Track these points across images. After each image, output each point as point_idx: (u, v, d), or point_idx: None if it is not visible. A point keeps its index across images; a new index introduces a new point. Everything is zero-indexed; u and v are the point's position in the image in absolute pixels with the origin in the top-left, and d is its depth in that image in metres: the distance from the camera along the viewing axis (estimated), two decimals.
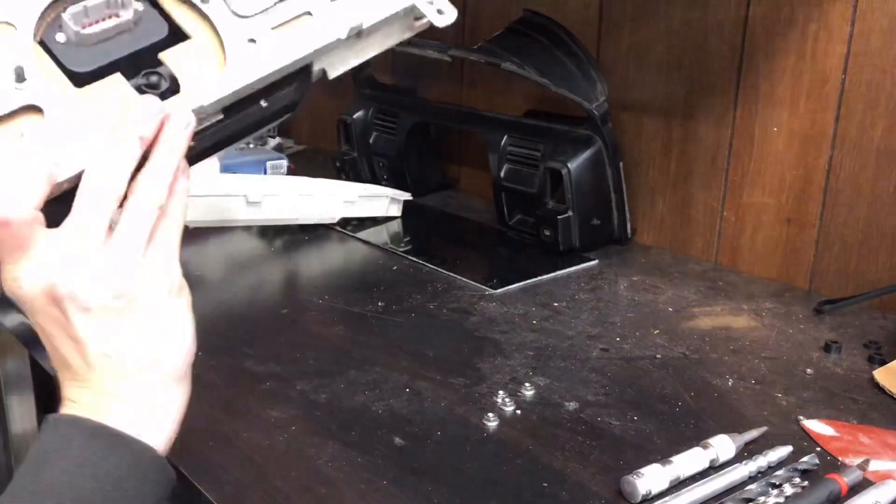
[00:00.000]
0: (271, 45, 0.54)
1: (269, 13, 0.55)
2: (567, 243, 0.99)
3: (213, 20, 0.54)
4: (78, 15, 0.51)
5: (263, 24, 0.54)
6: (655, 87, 1.03)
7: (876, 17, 0.82)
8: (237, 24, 0.54)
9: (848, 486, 0.54)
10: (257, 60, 0.54)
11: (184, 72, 0.53)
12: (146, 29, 0.53)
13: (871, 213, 0.85)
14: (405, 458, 0.57)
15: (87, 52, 0.52)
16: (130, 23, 0.52)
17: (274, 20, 0.55)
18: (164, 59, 0.53)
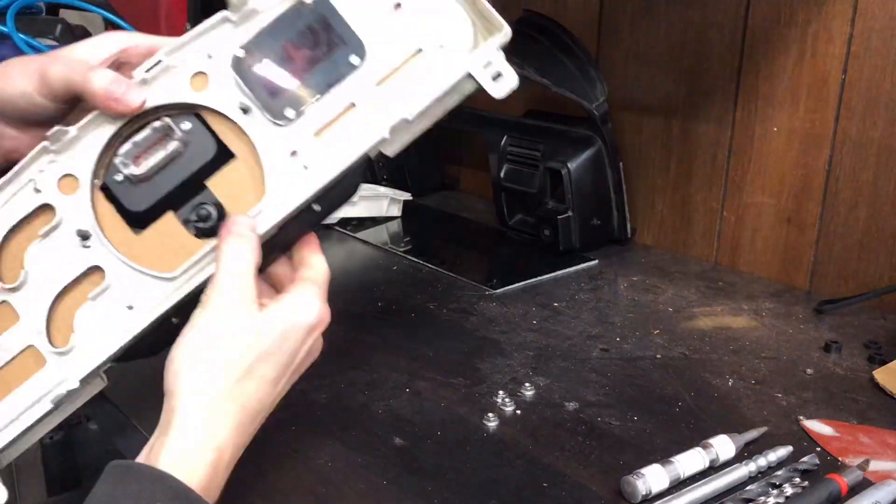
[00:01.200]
0: (315, 158, 0.52)
1: (311, 114, 0.52)
2: (567, 243, 0.99)
3: (252, 136, 0.52)
4: (129, 152, 0.52)
5: (305, 131, 0.53)
6: (655, 87, 1.03)
7: (876, 17, 0.82)
8: (277, 137, 0.52)
9: (848, 487, 0.54)
10: (301, 182, 0.52)
11: (230, 199, 0.53)
12: (195, 150, 0.52)
13: (871, 213, 0.85)
14: (405, 458, 0.57)
15: (143, 188, 0.52)
16: (181, 146, 0.52)
17: (316, 122, 0.52)
18: (211, 188, 0.53)
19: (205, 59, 0.52)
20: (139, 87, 0.52)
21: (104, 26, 1.59)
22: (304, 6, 0.52)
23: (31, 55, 0.54)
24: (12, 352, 0.51)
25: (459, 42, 0.53)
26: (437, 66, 0.53)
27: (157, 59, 0.52)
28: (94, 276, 0.52)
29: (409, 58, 0.53)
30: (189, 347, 0.48)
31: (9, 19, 1.05)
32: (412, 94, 0.53)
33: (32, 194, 0.52)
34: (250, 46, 0.52)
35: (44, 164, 0.52)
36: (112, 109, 0.51)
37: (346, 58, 0.52)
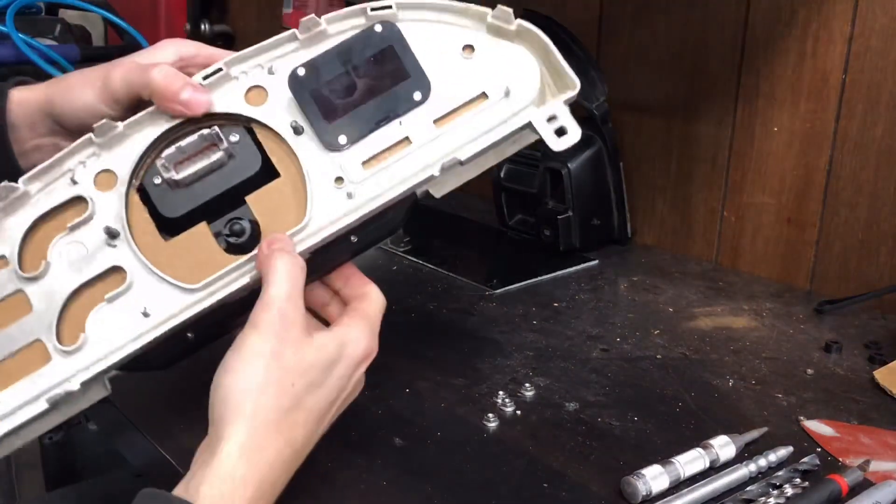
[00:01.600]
0: (360, 188, 0.51)
1: (364, 143, 0.51)
2: (567, 243, 0.99)
3: (300, 157, 0.51)
4: (172, 156, 0.51)
5: (355, 160, 0.51)
6: (655, 87, 1.02)
7: (876, 17, 0.82)
8: (325, 161, 0.51)
9: (848, 487, 0.53)
10: (342, 210, 0.51)
11: (267, 218, 0.51)
12: (240, 163, 0.51)
13: (871, 214, 0.85)
14: (405, 459, 0.57)
15: (180, 195, 0.51)
16: (225, 157, 0.51)
17: (367, 151, 0.51)
18: (250, 204, 0.51)
19: (265, 74, 0.52)
20: (206, 90, 0.51)
21: (104, 26, 1.59)
22: (374, 33, 0.51)
23: (90, 68, 0.55)
24: (18, 343, 0.50)
25: (526, 92, 0.53)
26: (499, 112, 0.52)
27: (218, 66, 0.51)
28: (115, 276, 0.51)
29: (473, 100, 0.52)
30: (240, 373, 0.45)
31: (8, 19, 1.05)
32: (469, 136, 0.52)
33: (69, 185, 0.51)
34: (312, 66, 0.51)
35: (85, 156, 0.51)
36: (173, 110, 0.50)
37: (409, 92, 0.52)
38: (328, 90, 0.51)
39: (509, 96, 0.52)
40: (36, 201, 0.51)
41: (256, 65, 0.52)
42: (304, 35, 0.52)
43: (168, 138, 0.52)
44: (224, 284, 0.50)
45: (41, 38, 1.13)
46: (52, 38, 1.16)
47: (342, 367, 0.49)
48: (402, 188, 0.52)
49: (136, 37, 1.24)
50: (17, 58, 1.06)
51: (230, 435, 0.44)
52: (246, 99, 0.52)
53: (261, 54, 0.52)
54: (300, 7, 1.26)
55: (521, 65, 0.53)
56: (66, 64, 1.09)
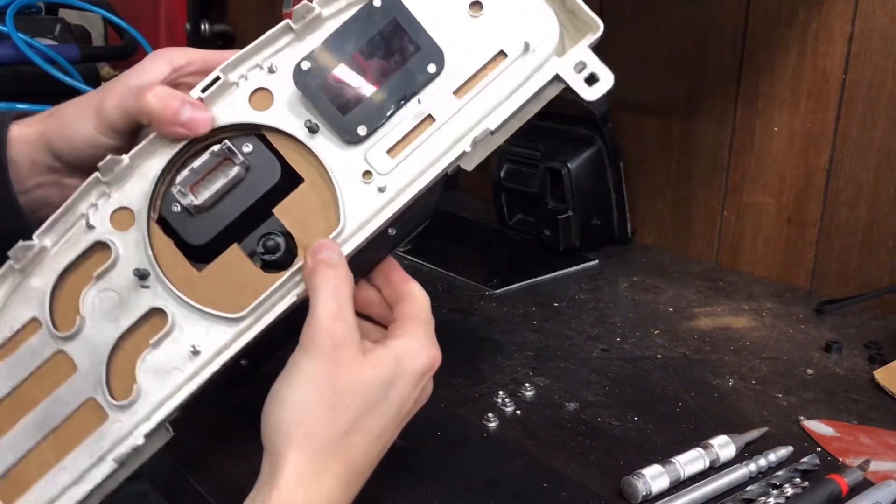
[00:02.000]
0: (391, 179, 0.48)
1: (385, 130, 0.48)
2: (567, 243, 0.99)
3: (322, 157, 0.48)
4: (186, 180, 0.47)
5: (379, 149, 0.48)
6: (655, 87, 1.02)
7: (876, 16, 0.82)
8: (349, 157, 0.48)
9: (848, 487, 0.53)
10: (377, 205, 0.48)
11: (299, 227, 0.48)
12: (259, 174, 0.48)
13: (871, 213, 0.85)
14: (405, 458, 0.57)
15: (203, 219, 0.48)
16: (242, 171, 0.48)
17: (391, 138, 0.48)
18: (279, 216, 0.48)
19: (266, 75, 0.49)
20: (204, 106, 0.48)
21: (104, 26, 1.59)
22: (374, 9, 0.48)
23: (80, 97, 0.52)
24: (70, 406, 0.47)
25: (546, 43, 0.48)
26: (521, 70, 0.48)
27: (215, 75, 0.48)
28: (155, 319, 0.47)
29: (491, 61, 0.48)
30: (290, 401, 0.44)
31: (8, 19, 1.05)
32: (495, 102, 0.48)
33: (85, 231, 0.48)
34: (315, 58, 0.47)
35: (95, 197, 0.48)
36: (175, 133, 0.47)
37: (422, 65, 0.48)
38: (337, 80, 0.47)
39: (529, 51, 0.48)
40: (55, 255, 0.48)
41: (255, 66, 0.49)
42: (298, 24, 0.49)
43: (178, 162, 0.49)
44: (271, 306, 0.47)
45: (41, 38, 1.12)
46: (52, 38, 1.16)
47: (403, 383, 0.46)
48: (436, 171, 0.49)
49: (136, 37, 1.24)
50: (18, 58, 1.06)
51: (285, 464, 0.42)
52: (251, 104, 0.48)
53: (257, 54, 0.49)
54: None
55: (535, 13, 0.48)
56: (66, 64, 1.09)
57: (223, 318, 0.47)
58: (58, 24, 1.18)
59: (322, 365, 0.44)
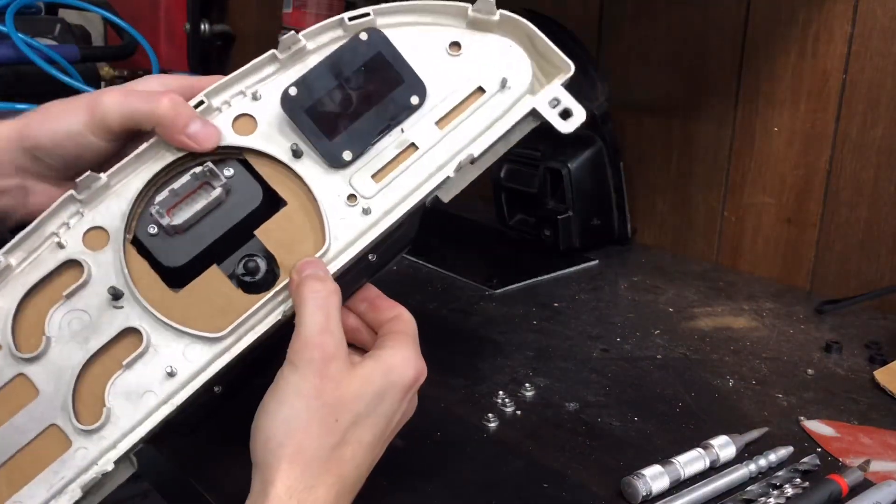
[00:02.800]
0: (376, 202, 0.49)
1: (370, 156, 0.50)
2: (567, 243, 0.99)
3: (307, 180, 0.49)
4: (165, 201, 0.47)
5: (364, 174, 0.49)
6: (656, 87, 1.02)
7: (876, 16, 0.82)
8: (334, 181, 0.49)
9: (849, 487, 0.53)
10: (361, 228, 0.49)
11: (282, 249, 0.48)
12: (240, 198, 0.48)
13: (871, 214, 0.85)
14: (405, 459, 0.57)
15: (181, 241, 0.48)
16: (223, 194, 0.48)
17: (375, 164, 0.50)
18: (260, 237, 0.49)
19: (250, 101, 0.50)
20: (212, 124, 0.48)
21: (104, 26, 1.59)
22: (360, 42, 0.50)
23: (70, 97, 0.50)
24: (29, 434, 0.45)
25: (520, 81, 0.52)
26: (499, 104, 0.51)
27: (199, 99, 0.49)
28: (128, 340, 0.46)
29: (470, 96, 0.51)
30: (280, 415, 0.43)
31: (8, 18, 1.05)
32: (474, 133, 0.51)
33: (55, 250, 0.47)
34: (302, 84, 0.49)
35: (68, 216, 0.48)
36: (179, 142, 0.47)
37: (405, 97, 0.50)
38: (323, 107, 0.49)
39: (506, 87, 0.51)
40: (21, 273, 0.47)
41: (238, 92, 0.50)
42: (284, 54, 0.50)
43: (158, 183, 0.48)
44: (251, 326, 0.47)
45: (41, 38, 1.12)
46: (52, 38, 1.16)
47: (392, 394, 0.46)
48: (419, 195, 0.50)
49: (136, 37, 1.25)
50: (18, 58, 1.06)
51: (277, 479, 0.42)
52: (234, 129, 0.49)
53: (242, 81, 0.50)
54: (300, 7, 1.25)
55: (510, 54, 0.52)
56: (66, 64, 1.09)
57: (201, 338, 0.47)
58: (58, 24, 1.18)
59: (311, 379, 0.43)
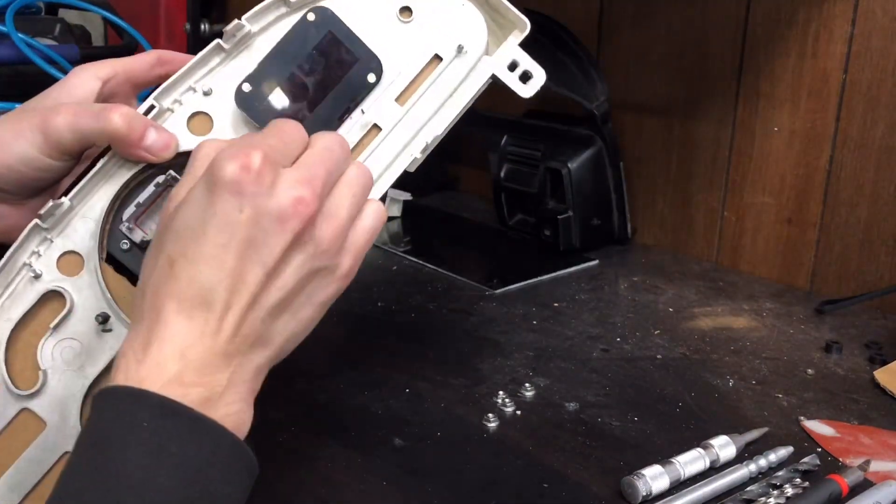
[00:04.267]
0: None
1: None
2: (567, 243, 0.99)
3: None
4: (133, 215, 0.47)
5: None
6: (656, 87, 1.02)
7: (876, 16, 0.82)
8: None
9: (849, 487, 0.53)
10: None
11: None
12: None
13: (871, 214, 0.85)
14: (405, 459, 0.57)
15: None
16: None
17: None
18: None
19: (201, 98, 0.48)
20: (167, 131, 0.47)
21: (104, 26, 1.59)
22: (308, 23, 0.48)
23: (9, 115, 0.48)
24: (46, 464, 0.45)
25: (476, 42, 0.49)
26: (457, 71, 0.49)
27: (149, 104, 0.47)
28: None
29: (427, 66, 0.49)
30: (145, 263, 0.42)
31: (8, 19, 1.05)
32: (437, 104, 0.49)
33: (31, 283, 0.46)
34: (255, 79, 0.47)
35: (36, 244, 0.46)
36: (138, 156, 0.46)
37: (362, 76, 0.48)
38: (280, 97, 0.48)
39: (462, 52, 0.49)
40: (2, 310, 0.46)
41: (188, 89, 0.48)
42: (229, 43, 0.48)
43: (122, 197, 0.48)
44: None
45: (41, 38, 1.12)
46: (52, 38, 1.16)
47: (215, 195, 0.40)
48: (389, 179, 0.49)
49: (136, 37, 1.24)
50: (18, 58, 1.06)
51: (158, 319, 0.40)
52: (190, 130, 0.48)
53: (190, 77, 0.48)
54: None
55: (462, 14, 0.50)
56: (66, 64, 1.09)
57: None
58: (58, 24, 1.18)
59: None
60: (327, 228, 0.43)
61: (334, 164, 0.43)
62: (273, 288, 0.41)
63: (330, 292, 0.45)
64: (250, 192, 0.39)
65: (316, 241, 0.42)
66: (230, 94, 0.48)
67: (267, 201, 0.40)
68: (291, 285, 0.42)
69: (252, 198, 0.39)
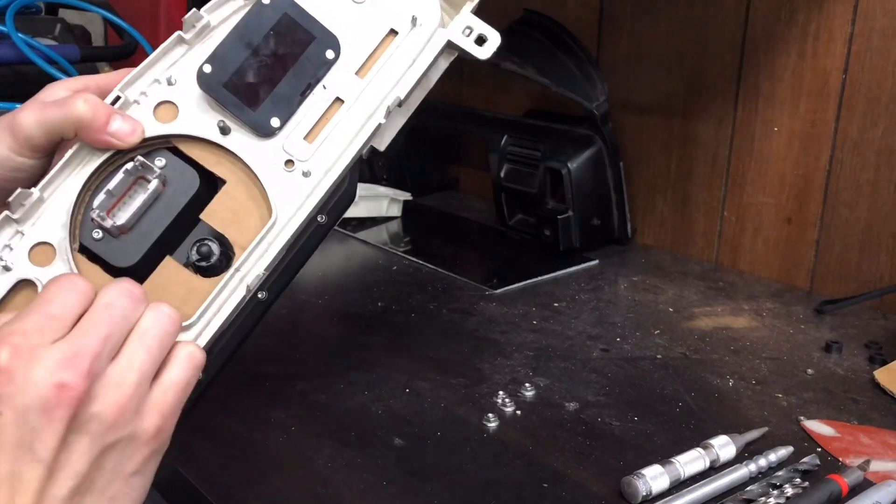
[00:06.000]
0: (314, 163, 0.49)
1: (298, 118, 0.49)
2: (567, 243, 0.99)
3: (241, 155, 0.49)
4: (103, 204, 0.47)
5: (295, 137, 0.49)
6: (656, 87, 1.02)
7: (876, 16, 0.82)
8: (267, 150, 0.49)
9: (849, 487, 0.53)
10: (305, 190, 0.49)
11: (231, 227, 0.48)
12: (178, 186, 0.48)
13: (871, 213, 0.85)
14: (405, 459, 0.57)
15: (128, 240, 0.47)
16: (159, 186, 0.47)
17: (305, 125, 0.49)
18: (207, 220, 0.48)
19: (166, 87, 0.49)
20: (132, 118, 0.47)
21: (104, 26, 1.59)
22: (264, 7, 0.49)
23: None
24: None
25: (430, 14, 0.51)
26: (414, 43, 0.51)
27: (115, 95, 0.48)
28: None
29: (384, 40, 0.51)
30: None
31: (8, 19, 1.05)
32: (397, 75, 0.51)
33: (2, 274, 0.46)
34: (215, 60, 0.48)
35: (7, 237, 0.46)
36: (104, 142, 0.46)
37: (320, 53, 0.50)
38: (241, 78, 0.49)
39: (417, 24, 0.51)
40: None
41: (153, 80, 0.49)
42: (189, 34, 0.49)
43: (92, 186, 0.48)
44: (218, 308, 0.47)
45: (41, 38, 1.12)
46: (52, 38, 1.16)
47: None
48: (356, 147, 0.50)
49: (135, 37, 1.24)
50: (18, 58, 1.06)
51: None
52: (157, 118, 0.48)
53: (152, 68, 0.49)
54: None
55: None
56: (66, 64, 1.09)
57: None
58: (58, 24, 1.18)
59: None
60: (110, 400, 0.39)
61: (115, 323, 0.40)
62: (61, 478, 0.38)
63: (137, 460, 0.41)
64: (4, 392, 0.37)
65: (99, 418, 0.39)
66: (193, 82, 0.49)
67: (24, 398, 0.37)
68: (84, 469, 0.38)
69: (8, 398, 0.37)
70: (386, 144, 0.53)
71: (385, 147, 0.53)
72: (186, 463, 0.56)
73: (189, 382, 0.43)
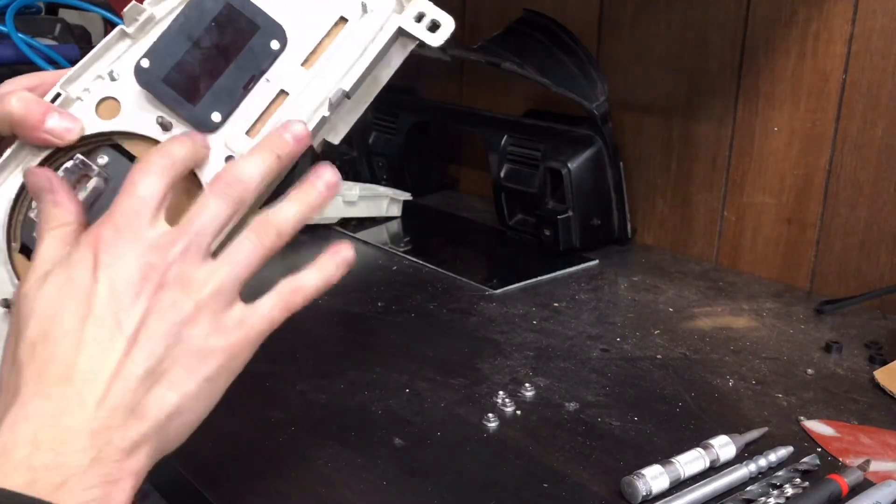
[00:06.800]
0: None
1: (240, 112, 0.48)
2: (567, 243, 0.99)
3: None
4: None
5: (237, 133, 0.48)
6: (656, 87, 1.02)
7: (877, 16, 0.82)
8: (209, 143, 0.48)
9: (849, 487, 0.53)
10: None
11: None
12: (119, 183, 0.45)
13: (871, 213, 0.85)
14: (405, 459, 0.57)
15: None
16: (101, 183, 0.47)
17: (248, 119, 0.48)
18: None
19: (108, 83, 0.48)
20: (72, 114, 0.46)
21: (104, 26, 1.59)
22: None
23: None
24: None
25: (381, 1, 0.49)
26: (364, 31, 0.49)
27: (55, 92, 0.47)
28: None
29: (333, 28, 0.49)
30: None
31: (8, 19, 1.05)
32: (345, 66, 0.49)
33: None
34: (154, 54, 0.47)
35: None
36: (41, 139, 0.45)
37: (264, 44, 0.48)
38: (181, 72, 0.47)
39: (367, 11, 0.49)
40: None
41: (95, 76, 0.48)
42: (132, 27, 0.48)
43: None
44: None
45: (41, 38, 1.12)
46: (52, 38, 1.16)
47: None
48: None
49: None
50: (18, 58, 1.06)
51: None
52: (99, 115, 0.47)
53: (94, 63, 0.48)
54: None
55: None
56: (66, 64, 1.09)
57: None
58: (58, 24, 1.18)
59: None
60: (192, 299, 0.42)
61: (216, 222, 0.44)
62: (139, 357, 0.40)
63: (212, 365, 0.43)
64: (104, 261, 0.41)
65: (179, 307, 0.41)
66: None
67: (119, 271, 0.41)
68: (160, 351, 0.40)
69: (106, 267, 0.40)
70: (341, 137, 0.51)
71: (340, 140, 0.51)
72: (186, 463, 0.55)
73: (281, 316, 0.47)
